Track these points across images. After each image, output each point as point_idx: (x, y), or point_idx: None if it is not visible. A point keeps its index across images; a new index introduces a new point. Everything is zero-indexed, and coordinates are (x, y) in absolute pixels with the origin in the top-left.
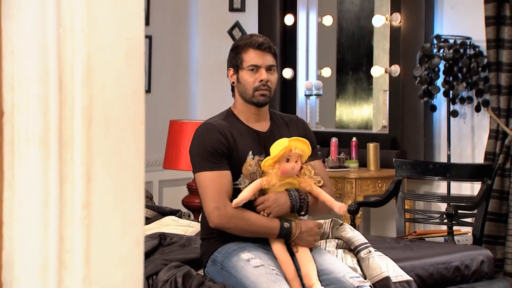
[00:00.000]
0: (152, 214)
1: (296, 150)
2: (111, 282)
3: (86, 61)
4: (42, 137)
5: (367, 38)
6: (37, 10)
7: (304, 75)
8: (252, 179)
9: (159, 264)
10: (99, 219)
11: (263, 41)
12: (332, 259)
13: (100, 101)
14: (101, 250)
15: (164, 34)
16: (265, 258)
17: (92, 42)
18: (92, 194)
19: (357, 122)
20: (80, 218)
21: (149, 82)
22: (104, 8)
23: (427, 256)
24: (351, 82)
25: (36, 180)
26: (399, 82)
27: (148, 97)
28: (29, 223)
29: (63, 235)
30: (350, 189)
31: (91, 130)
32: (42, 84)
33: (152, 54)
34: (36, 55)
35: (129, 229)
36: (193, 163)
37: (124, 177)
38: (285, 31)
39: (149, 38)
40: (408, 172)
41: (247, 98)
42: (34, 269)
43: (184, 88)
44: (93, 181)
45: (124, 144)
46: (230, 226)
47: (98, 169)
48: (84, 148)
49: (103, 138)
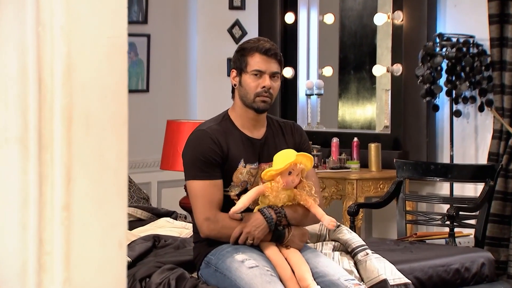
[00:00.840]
0: (147, 215)
1: (300, 165)
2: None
3: (66, 59)
4: (21, 138)
5: (370, 37)
6: (16, 8)
7: (305, 74)
8: (242, 187)
9: (152, 266)
10: (79, 221)
11: (270, 47)
12: (327, 262)
13: (81, 100)
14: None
15: (163, 33)
16: (259, 259)
17: (72, 40)
18: (72, 196)
19: (360, 122)
20: (60, 220)
21: (147, 81)
22: (84, 6)
23: (427, 258)
24: (353, 82)
25: (15, 181)
26: (401, 82)
27: (147, 96)
28: (8, 225)
29: (42, 237)
30: (351, 190)
31: (71, 130)
32: (21, 83)
33: (151, 53)
34: (15, 54)
35: (111, 231)
36: (185, 170)
37: (106, 178)
38: (285, 29)
39: (148, 37)
40: (409, 173)
41: (247, 102)
42: (13, 272)
43: (183, 87)
44: (73, 182)
45: (106, 144)
46: (222, 237)
47: (78, 170)
48: (64, 148)
49: (84, 139)
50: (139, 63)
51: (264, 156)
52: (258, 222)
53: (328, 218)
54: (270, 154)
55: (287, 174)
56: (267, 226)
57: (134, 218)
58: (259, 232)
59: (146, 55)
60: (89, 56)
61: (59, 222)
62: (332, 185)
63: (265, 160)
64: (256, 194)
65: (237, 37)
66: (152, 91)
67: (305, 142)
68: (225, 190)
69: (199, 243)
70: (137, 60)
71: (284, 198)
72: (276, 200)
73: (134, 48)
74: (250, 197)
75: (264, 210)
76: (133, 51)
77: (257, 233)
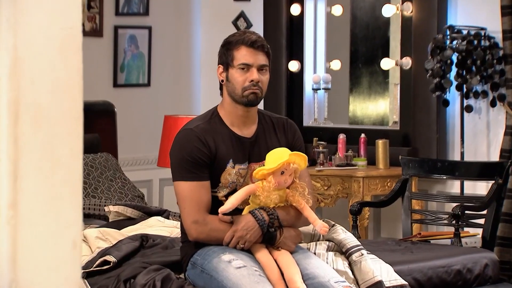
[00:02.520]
0: (137, 214)
1: (294, 165)
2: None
3: (13, 52)
4: None
5: (383, 29)
6: None
7: (312, 68)
8: (231, 188)
9: (138, 267)
10: (28, 220)
11: (256, 39)
12: (318, 263)
13: (29, 95)
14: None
15: (164, 25)
16: (247, 259)
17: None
18: (20, 194)
19: (372, 118)
20: (6, 218)
21: (148, 75)
22: None
23: (427, 259)
24: (365, 76)
25: None
26: (411, 76)
27: (148, 91)
28: None
29: None
30: (357, 188)
31: (18, 126)
32: None
33: (152, 46)
34: None
35: (64, 230)
36: (172, 171)
37: (58, 176)
38: (291, 21)
39: (149, 29)
40: (415, 170)
41: (236, 98)
42: None
43: (186, 82)
44: (20, 180)
45: (58, 141)
46: (211, 240)
47: (26, 167)
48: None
49: (33, 134)
50: (140, 56)
51: (255, 155)
52: (250, 225)
53: (321, 223)
54: (261, 153)
55: (280, 174)
56: (259, 229)
57: (124, 217)
58: (251, 235)
59: (147, 48)
60: (39, 48)
61: (5, 221)
62: (338, 183)
63: (256, 160)
64: (246, 193)
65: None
66: (154, 86)
67: (298, 140)
68: (213, 191)
69: (186, 243)
70: (138, 53)
71: (275, 198)
72: (267, 200)
73: (135, 41)
74: (240, 197)
75: (255, 212)
76: (134, 44)
77: (249, 236)
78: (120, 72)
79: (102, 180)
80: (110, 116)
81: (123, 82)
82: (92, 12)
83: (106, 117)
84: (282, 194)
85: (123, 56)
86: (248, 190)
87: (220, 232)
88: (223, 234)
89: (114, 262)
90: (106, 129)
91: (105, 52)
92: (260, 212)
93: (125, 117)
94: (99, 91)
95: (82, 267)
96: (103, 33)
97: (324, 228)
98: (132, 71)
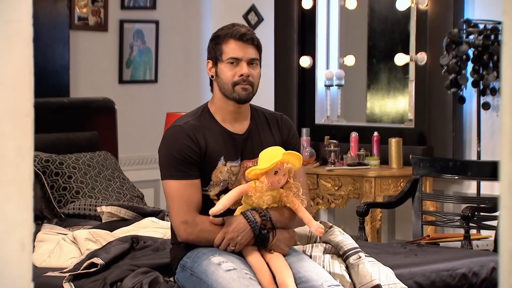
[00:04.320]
0: (131, 215)
1: (288, 164)
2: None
3: None
4: None
5: (403, 23)
6: None
7: (324, 64)
8: (223, 186)
9: (125, 270)
10: None
11: (245, 32)
12: (311, 266)
13: None
14: None
15: (173, 19)
16: (237, 262)
17: None
18: None
19: (391, 116)
20: None
21: (156, 71)
22: None
23: (430, 262)
24: (384, 72)
25: None
26: (426, 72)
27: (155, 87)
28: None
29: None
30: (369, 188)
31: None
32: None
33: (160, 41)
34: None
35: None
36: (160, 169)
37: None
38: (303, 15)
39: (156, 23)
40: (426, 170)
41: (227, 93)
42: None
43: (195, 78)
44: None
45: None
46: (201, 241)
47: None
48: None
49: None
50: (146, 51)
51: (247, 152)
52: (241, 227)
53: (316, 223)
54: (254, 150)
55: (273, 174)
56: (251, 231)
57: (117, 218)
58: (242, 237)
59: (154, 43)
60: None
61: None
62: (349, 183)
63: (248, 157)
64: (238, 194)
65: (253, 24)
66: (161, 82)
67: (293, 137)
68: (204, 190)
69: (176, 245)
70: (144, 48)
71: (268, 199)
72: (260, 201)
73: (141, 36)
74: (231, 198)
75: (247, 214)
76: (140, 38)
77: (240, 238)
78: (126, 68)
79: (99, 179)
80: (110, 113)
81: (128, 79)
82: (96, 5)
83: (106, 115)
84: (275, 194)
85: (129, 51)
86: (240, 191)
87: (211, 233)
88: (213, 235)
89: (102, 265)
90: (106, 127)
91: (110, 47)
92: (252, 213)
93: (131, 114)
94: (103, 88)
95: (69, 270)
96: (108, 28)
97: (320, 229)
98: (139, 67)
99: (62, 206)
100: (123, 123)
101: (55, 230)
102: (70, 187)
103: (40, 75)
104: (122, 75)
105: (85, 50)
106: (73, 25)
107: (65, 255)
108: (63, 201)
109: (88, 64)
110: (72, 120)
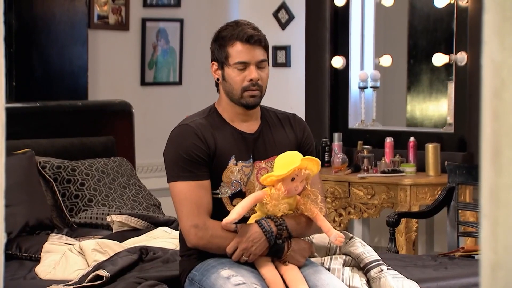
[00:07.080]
0: (143, 224)
1: (305, 171)
2: None
3: None
4: None
5: (446, 21)
6: None
7: (358, 65)
8: (235, 188)
9: (132, 282)
10: None
11: (252, 33)
12: (329, 279)
13: None
14: None
15: (198, 17)
16: (248, 276)
17: None
18: None
19: (433, 119)
20: None
21: (180, 72)
22: None
23: (460, 276)
24: (426, 73)
25: None
26: (466, 73)
27: (179, 90)
28: None
29: None
30: (403, 197)
31: None
32: None
33: (184, 41)
34: None
35: None
36: (167, 171)
37: None
38: (336, 13)
39: (181, 22)
40: (462, 177)
41: (235, 99)
42: None
43: None
44: None
45: None
46: (211, 247)
47: None
48: None
49: None
50: (170, 52)
51: (259, 152)
52: (256, 236)
53: (336, 232)
54: (266, 150)
55: (290, 181)
56: (266, 241)
57: (128, 228)
58: (256, 248)
59: (178, 43)
60: None
61: None
62: (383, 192)
63: (261, 157)
64: (253, 202)
65: (283, 22)
66: (186, 84)
67: (308, 138)
68: (214, 193)
69: (186, 257)
70: (168, 48)
71: (284, 208)
72: (275, 209)
73: (165, 35)
74: (246, 206)
75: (262, 223)
76: (164, 38)
77: (254, 249)
78: (149, 69)
79: (114, 187)
80: (127, 117)
81: (151, 80)
82: (117, 3)
83: (123, 118)
84: (291, 202)
85: (151, 51)
86: (255, 198)
87: (223, 240)
88: (225, 242)
89: (107, 277)
90: (123, 131)
91: (131, 47)
92: (267, 222)
93: (153, 118)
94: (124, 90)
95: (75, 282)
96: (129, 27)
97: (340, 238)
98: (162, 68)
99: (74, 215)
100: (144, 128)
101: (62, 240)
102: (82, 195)
103: (56, 76)
104: (144, 76)
105: (105, 51)
106: (92, 24)
107: (71, 266)
108: (75, 209)
109: (108, 65)
110: (87, 124)
